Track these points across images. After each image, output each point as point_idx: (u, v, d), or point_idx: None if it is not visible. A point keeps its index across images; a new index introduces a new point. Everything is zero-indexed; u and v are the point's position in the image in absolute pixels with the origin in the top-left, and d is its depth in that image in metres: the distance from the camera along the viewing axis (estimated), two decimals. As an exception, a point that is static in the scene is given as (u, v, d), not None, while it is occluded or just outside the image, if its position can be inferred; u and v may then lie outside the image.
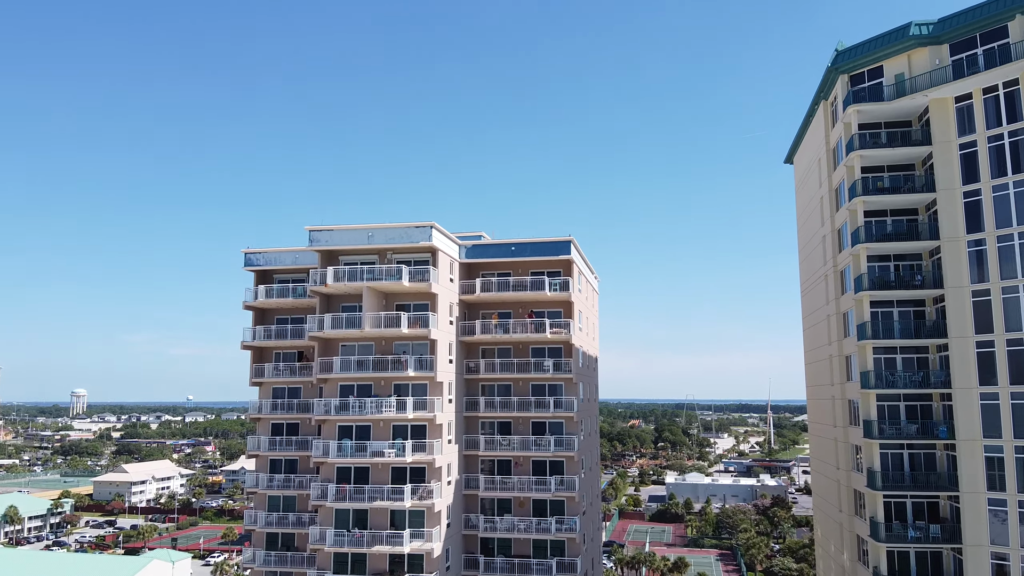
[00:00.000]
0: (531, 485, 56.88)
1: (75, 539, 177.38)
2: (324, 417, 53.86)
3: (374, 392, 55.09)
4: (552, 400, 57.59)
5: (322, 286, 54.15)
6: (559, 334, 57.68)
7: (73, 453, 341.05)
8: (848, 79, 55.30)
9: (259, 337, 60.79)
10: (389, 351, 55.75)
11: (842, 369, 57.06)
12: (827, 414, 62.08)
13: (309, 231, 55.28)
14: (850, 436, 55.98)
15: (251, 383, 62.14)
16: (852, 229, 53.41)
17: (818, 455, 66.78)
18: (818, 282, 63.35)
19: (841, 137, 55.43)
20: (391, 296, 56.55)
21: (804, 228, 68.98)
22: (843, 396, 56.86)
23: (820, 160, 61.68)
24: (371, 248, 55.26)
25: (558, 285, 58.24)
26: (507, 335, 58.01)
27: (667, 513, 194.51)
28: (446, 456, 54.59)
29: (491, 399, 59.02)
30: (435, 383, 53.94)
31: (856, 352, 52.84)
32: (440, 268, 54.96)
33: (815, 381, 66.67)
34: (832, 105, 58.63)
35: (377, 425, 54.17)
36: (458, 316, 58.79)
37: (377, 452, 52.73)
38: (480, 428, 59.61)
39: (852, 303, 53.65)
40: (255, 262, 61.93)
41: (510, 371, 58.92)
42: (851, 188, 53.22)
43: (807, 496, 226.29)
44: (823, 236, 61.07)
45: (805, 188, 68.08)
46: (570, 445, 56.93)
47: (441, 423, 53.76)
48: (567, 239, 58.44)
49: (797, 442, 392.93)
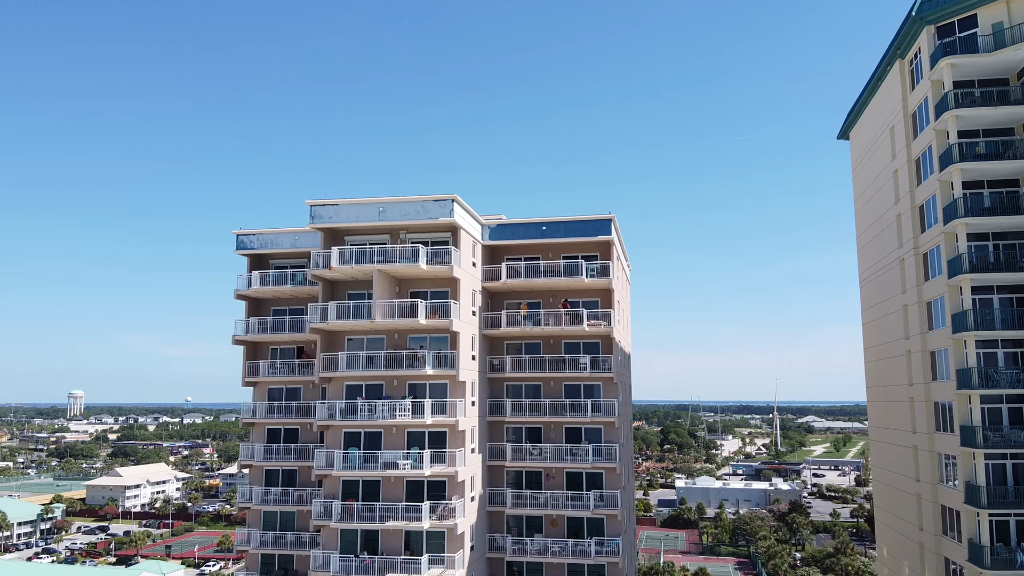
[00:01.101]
0: (565, 501, 49.19)
1: (66, 546, 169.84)
2: (327, 422, 46.12)
3: (385, 393, 47.40)
4: (589, 403, 49.87)
5: (325, 270, 46.39)
6: (598, 327, 49.95)
7: (68, 456, 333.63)
8: (935, 30, 47.67)
9: (252, 330, 53.10)
10: (403, 345, 48.09)
11: (925, 366, 49.34)
12: (900, 418, 54.37)
13: (310, 206, 47.40)
14: (936, 444, 48.31)
15: (244, 383, 54.47)
16: (944, 203, 45.73)
17: (886, 464, 59.01)
18: (889, 268, 55.65)
19: (927, 97, 47.80)
20: (405, 282, 48.90)
21: (867, 208, 61.22)
22: (927, 397, 49.14)
23: (893, 128, 54.01)
24: (382, 226, 47.46)
25: (596, 270, 50.58)
26: (537, 328, 50.30)
27: (680, 519, 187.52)
28: (469, 468, 46.86)
29: (518, 402, 51.31)
30: (457, 383, 46.21)
31: (951, 346, 45.19)
32: (462, 250, 47.27)
33: (883, 381, 58.93)
34: (912, 63, 51.00)
35: (389, 432, 46.46)
36: (480, 306, 51.12)
37: (390, 463, 44.95)
38: (506, 435, 51.91)
39: (943, 289, 46.02)
40: (248, 245, 54.27)
41: (540, 369, 51.23)
42: (943, 155, 45.57)
43: (821, 500, 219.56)
44: (897, 215, 53.38)
45: (869, 163, 60.37)
46: (611, 455, 49.26)
47: (464, 429, 46.03)
48: (607, 216, 50.61)
49: (803, 444, 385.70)
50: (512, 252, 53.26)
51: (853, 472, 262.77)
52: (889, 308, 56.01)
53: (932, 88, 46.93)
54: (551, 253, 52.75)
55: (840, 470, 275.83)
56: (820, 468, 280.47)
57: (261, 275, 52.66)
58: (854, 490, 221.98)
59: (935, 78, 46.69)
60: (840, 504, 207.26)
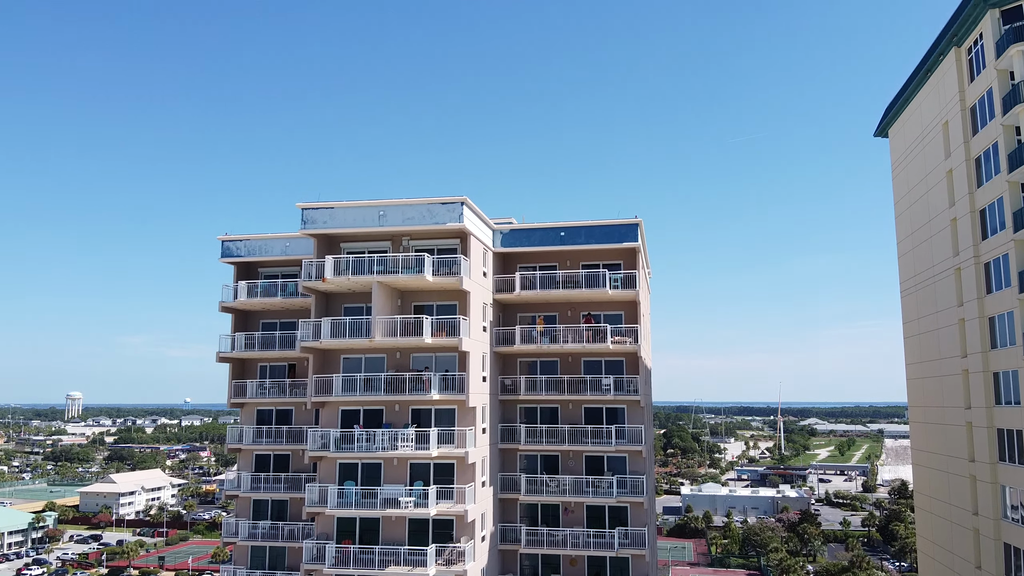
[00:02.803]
0: (586, 539, 44.09)
1: (57, 556, 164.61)
2: (320, 453, 40.97)
3: (386, 420, 42.30)
4: (612, 429, 44.77)
5: (318, 281, 41.24)
6: (623, 344, 44.86)
7: (64, 459, 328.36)
8: (1000, 14, 42.64)
9: (239, 346, 48.01)
10: (405, 366, 43.01)
11: (988, 389, 44.29)
12: (952, 444, 49.29)
13: (302, 209, 42.30)
14: (1000, 475, 43.27)
15: (230, 404, 49.43)
16: (1015, 207, 40.65)
17: (933, 492, 53.85)
18: (941, 278, 50.56)
19: (991, 88, 42.76)
20: (408, 294, 43.81)
21: (912, 211, 56.09)
22: (990, 423, 44.09)
23: (946, 124, 48.95)
24: (382, 232, 42.29)
25: (620, 281, 45.50)
26: (555, 345, 45.19)
27: (686, 528, 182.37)
28: (480, 505, 41.74)
29: (533, 427, 46.22)
30: (466, 408, 41.10)
31: (1022, 368, 40.12)
32: (472, 259, 42.16)
33: (928, 401, 53.84)
34: (971, 51, 45.96)
35: (390, 464, 41.34)
36: (492, 320, 46.04)
37: (390, 500, 39.80)
38: (519, 464, 46.83)
39: (1012, 304, 40.94)
40: (234, 252, 49.20)
41: (558, 391, 46.16)
42: (1013, 154, 40.51)
43: (830, 508, 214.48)
44: (952, 219, 48.30)
45: (915, 162, 55.24)
46: (636, 488, 44.16)
47: (474, 461, 40.85)
48: (634, 221, 45.40)
49: (807, 447, 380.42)
50: (526, 260, 48.19)
51: (859, 477, 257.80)
52: (939, 322, 50.91)
53: (998, 78, 41.89)
54: (569, 261, 47.67)
55: (846, 475, 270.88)
56: (826, 473, 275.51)
57: (248, 285, 47.60)
58: (863, 497, 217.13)
59: (1002, 67, 41.66)
60: (849, 511, 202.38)
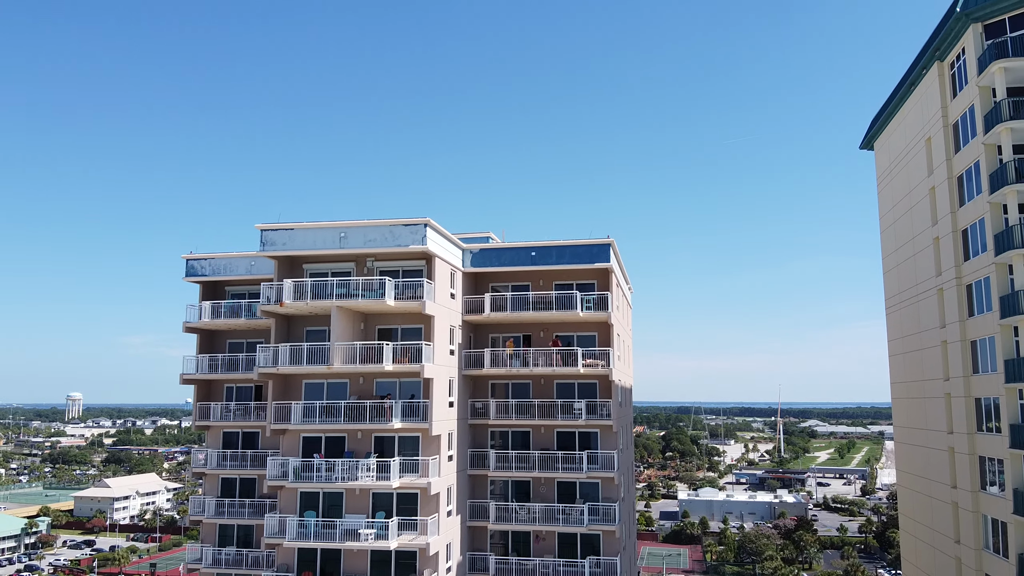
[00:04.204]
0: (557, 568, 42.89)
1: (49, 562, 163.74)
2: (279, 483, 39.82)
3: (349, 447, 41.09)
4: (585, 456, 43.51)
5: (276, 305, 40.11)
6: (594, 368, 43.66)
7: (61, 462, 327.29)
8: (983, 29, 41.36)
9: (203, 368, 46.87)
10: (369, 390, 41.79)
11: (970, 415, 42.96)
12: (934, 468, 47.95)
13: (261, 231, 41.10)
14: (982, 505, 41.93)
15: (195, 427, 48.28)
16: (996, 230, 39.38)
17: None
18: (924, 297, 49.29)
19: (973, 105, 41.47)
20: (372, 317, 42.58)
21: (897, 228, 54.79)
22: (971, 450, 42.77)
23: (929, 139, 47.67)
24: (345, 254, 41.09)
25: (592, 303, 44.24)
26: (525, 369, 44.01)
27: (682, 534, 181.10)
28: (444, 535, 40.51)
29: (504, 453, 44.99)
30: (430, 437, 39.84)
31: (1003, 395, 38.87)
32: (438, 281, 40.95)
33: (912, 422, 52.50)
34: (953, 66, 44.66)
35: (352, 493, 40.13)
36: (461, 343, 44.81)
37: (351, 532, 38.60)
38: (489, 490, 45.62)
39: (993, 329, 39.66)
40: (199, 271, 47.99)
41: (529, 415, 44.92)
42: (995, 174, 39.21)
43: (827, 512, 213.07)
44: (935, 238, 47.03)
45: (899, 177, 53.94)
46: (608, 516, 42.94)
47: (437, 492, 39.62)
48: (606, 241, 44.14)
49: (807, 450, 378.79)
50: (498, 280, 46.98)
51: (858, 481, 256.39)
52: (924, 342, 49.62)
53: (980, 95, 40.60)
54: (542, 281, 46.47)
55: (845, 479, 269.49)
56: (825, 476, 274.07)
57: (213, 306, 46.43)
58: (861, 501, 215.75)
59: (984, 84, 40.37)
60: (847, 517, 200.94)
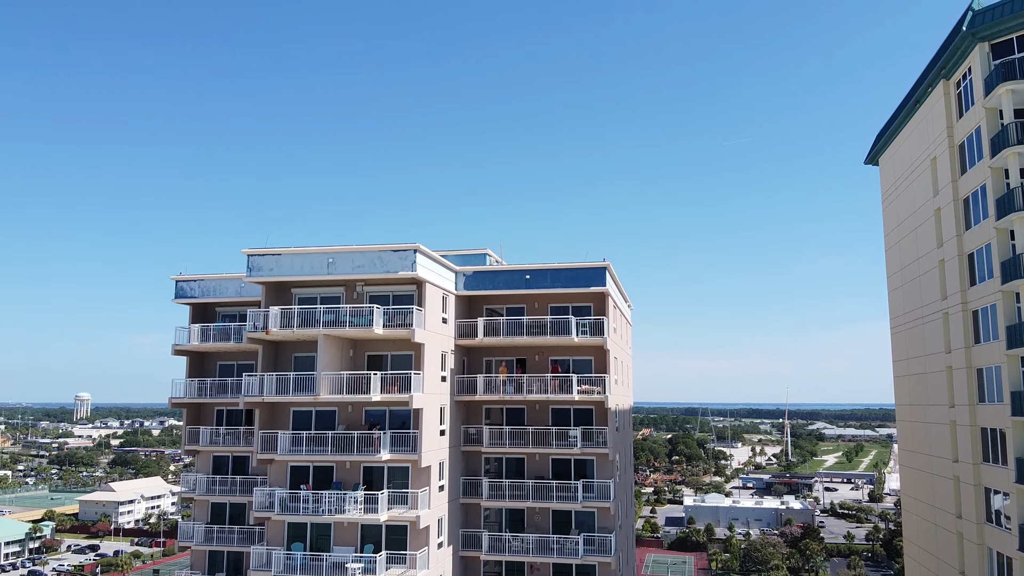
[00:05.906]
0: (551, 600, 41.97)
1: (52, 568, 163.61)
2: (266, 514, 38.97)
3: (337, 477, 40.20)
4: (580, 485, 42.53)
5: (262, 333, 39.27)
6: (590, 394, 42.67)
7: (68, 464, 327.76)
8: (990, 48, 40.18)
9: (192, 392, 46.12)
10: (358, 418, 40.88)
11: (976, 444, 41.79)
12: (939, 497, 46.75)
13: (247, 256, 40.28)
14: (986, 537, 40.76)
15: (184, 450, 47.52)
16: (1003, 257, 38.17)
17: (922, 543, 51.38)
18: (929, 320, 48.09)
19: (980, 127, 40.30)
20: (361, 343, 41.72)
21: (902, 247, 53.59)
22: (977, 481, 41.57)
23: (934, 159, 46.48)
24: (333, 280, 40.27)
25: (588, 327, 43.25)
26: (519, 395, 43.06)
27: (688, 540, 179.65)
28: (435, 568, 39.51)
29: (497, 481, 44.03)
30: (419, 469, 38.93)
31: (1010, 428, 37.66)
32: (428, 307, 40.00)
33: (917, 447, 51.29)
34: (959, 85, 43.47)
35: (340, 526, 39.24)
36: (453, 368, 43.88)
37: (338, 566, 37.74)
38: (483, 519, 44.67)
39: (999, 359, 38.47)
40: (189, 293, 47.21)
41: (523, 443, 43.96)
42: (1002, 200, 38.04)
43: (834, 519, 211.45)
44: (940, 260, 45.85)
45: (904, 196, 52.74)
46: (604, 547, 41.93)
47: (427, 525, 38.68)
48: (602, 265, 43.14)
49: (815, 453, 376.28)
50: (492, 303, 46.03)
51: (866, 486, 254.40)
52: (928, 366, 48.43)
53: (987, 117, 39.42)
54: (537, 304, 45.50)
55: (853, 484, 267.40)
56: (832, 481, 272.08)
57: (202, 329, 45.64)
58: (868, 508, 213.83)
59: (990, 105, 39.20)
60: (854, 523, 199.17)
